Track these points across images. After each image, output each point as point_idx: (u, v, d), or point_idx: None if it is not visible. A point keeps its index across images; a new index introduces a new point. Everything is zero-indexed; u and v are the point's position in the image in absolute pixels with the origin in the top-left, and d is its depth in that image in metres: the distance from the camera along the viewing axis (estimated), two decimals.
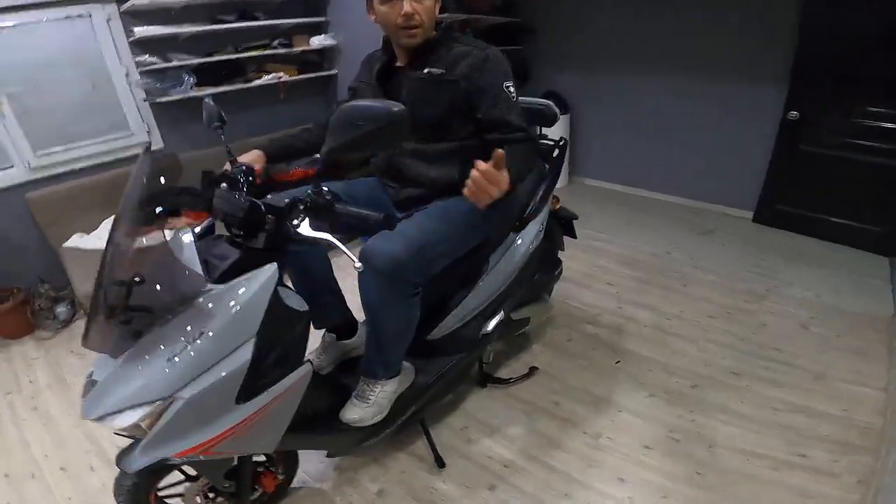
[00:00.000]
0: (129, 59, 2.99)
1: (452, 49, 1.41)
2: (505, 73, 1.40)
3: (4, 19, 2.63)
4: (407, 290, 1.32)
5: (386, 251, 1.26)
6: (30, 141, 2.84)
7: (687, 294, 2.56)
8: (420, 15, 1.32)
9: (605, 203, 3.81)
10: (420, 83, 1.42)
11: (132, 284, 0.99)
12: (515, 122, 1.38)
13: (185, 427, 1.06)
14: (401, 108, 1.00)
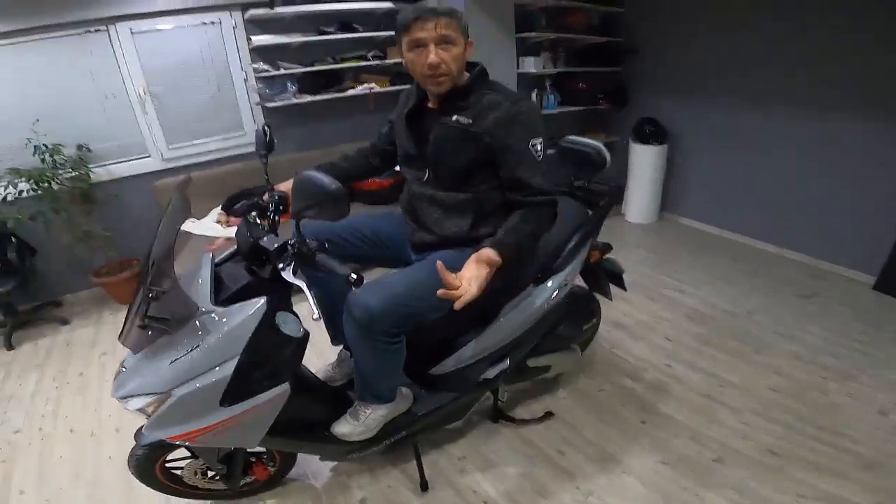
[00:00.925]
0: (248, 65, 3.40)
1: (484, 97, 1.38)
2: (534, 130, 1.35)
3: (162, 23, 3.16)
4: (383, 338, 1.35)
5: (362, 303, 1.31)
6: (165, 135, 3.39)
7: (755, 362, 2.28)
8: (447, 63, 1.30)
9: (694, 247, 3.47)
10: (446, 130, 1.40)
11: (151, 300, 1.19)
12: (536, 184, 1.34)
13: (178, 417, 1.25)
14: (337, 187, 1.08)
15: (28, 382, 2.56)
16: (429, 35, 1.28)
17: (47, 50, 2.98)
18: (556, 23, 3.65)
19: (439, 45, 1.29)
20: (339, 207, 1.10)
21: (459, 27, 1.31)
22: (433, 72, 1.31)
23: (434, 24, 1.27)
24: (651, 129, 3.81)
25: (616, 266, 2.06)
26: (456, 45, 1.31)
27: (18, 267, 2.95)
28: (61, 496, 1.82)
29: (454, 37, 1.29)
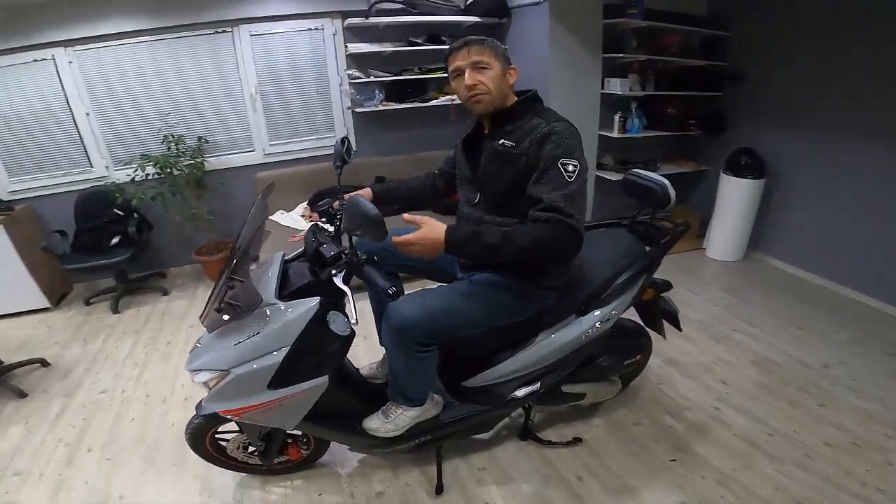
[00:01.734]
0: (343, 70, 3.69)
1: (528, 122, 1.43)
2: (566, 149, 1.34)
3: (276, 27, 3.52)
4: (414, 347, 1.46)
5: (399, 313, 1.43)
6: (268, 132, 3.77)
7: (816, 415, 2.12)
8: (483, 84, 1.40)
9: (780, 291, 3.21)
10: (493, 154, 1.48)
11: (228, 288, 1.40)
12: (550, 200, 1.30)
13: (232, 393, 1.45)
14: (376, 214, 1.20)
15: (124, 346, 2.98)
16: (464, 62, 1.42)
17: (182, 47, 3.46)
18: (649, 44, 3.55)
19: (474, 69, 1.41)
20: (378, 231, 1.23)
21: (494, 53, 1.42)
22: (471, 93, 1.43)
23: (466, 51, 1.41)
24: (747, 160, 3.56)
25: (671, 305, 2.00)
26: (491, 69, 1.41)
27: (136, 240, 3.44)
28: (121, 456, 2.10)
29: (487, 61, 1.40)
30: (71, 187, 3.60)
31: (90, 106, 3.47)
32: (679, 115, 3.84)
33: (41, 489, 1.93)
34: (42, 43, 3.25)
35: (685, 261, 3.67)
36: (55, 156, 3.55)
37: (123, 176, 3.49)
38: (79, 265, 3.36)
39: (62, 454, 2.12)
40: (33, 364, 2.77)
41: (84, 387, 2.59)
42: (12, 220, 3.30)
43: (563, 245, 1.32)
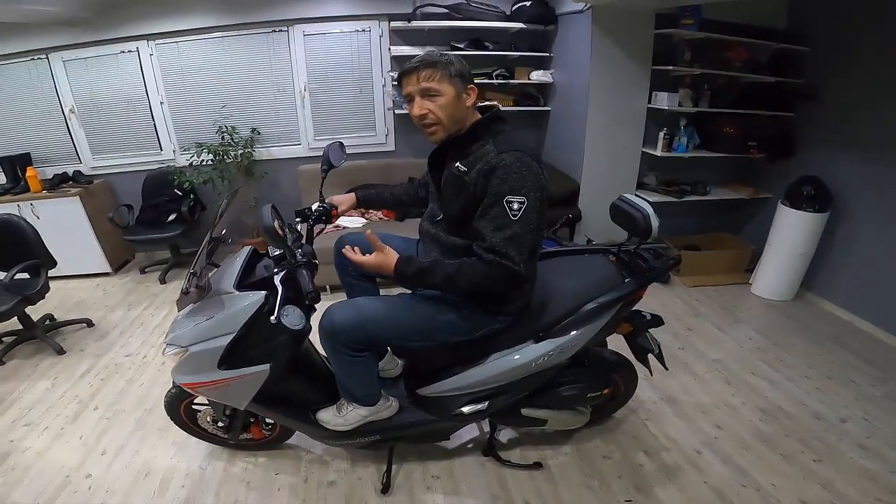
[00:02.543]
0: (387, 72, 3.80)
1: (483, 147, 1.38)
2: (511, 186, 1.27)
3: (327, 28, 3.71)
4: (343, 350, 1.48)
5: (329, 316, 1.47)
6: (314, 127, 3.98)
7: (807, 471, 1.90)
8: (433, 112, 1.35)
9: (824, 337, 2.85)
10: (450, 175, 1.45)
11: (192, 274, 1.53)
12: (492, 242, 1.28)
13: (190, 368, 1.57)
14: (268, 226, 1.32)
15: (159, 315, 3.29)
16: (413, 88, 1.36)
17: (243, 45, 3.76)
18: (705, 57, 3.29)
19: (424, 97, 1.35)
20: (272, 239, 1.38)
21: (447, 76, 1.33)
22: (422, 122, 1.39)
23: (416, 77, 1.34)
24: (811, 191, 3.19)
25: (649, 343, 1.86)
26: (442, 95, 1.34)
27: (188, 219, 3.79)
28: (119, 416, 2.31)
29: (437, 88, 1.33)
30: (142, 167, 4.04)
31: (164, 95, 3.87)
32: (738, 136, 3.52)
33: (41, 440, 2.17)
34: (129, 36, 3.67)
35: (724, 295, 3.39)
36: (132, 138, 4.00)
37: (185, 160, 3.85)
38: (137, 237, 3.77)
39: (72, 410, 2.37)
40: (80, 324, 3.14)
41: (114, 349, 2.90)
42: (88, 193, 3.77)
43: (502, 286, 1.37)
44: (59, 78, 3.75)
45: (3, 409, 2.40)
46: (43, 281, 2.78)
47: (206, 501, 1.84)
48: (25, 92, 3.79)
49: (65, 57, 3.69)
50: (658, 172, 3.72)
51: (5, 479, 1.95)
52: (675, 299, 3.35)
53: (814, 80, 3.31)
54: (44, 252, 2.79)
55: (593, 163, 3.52)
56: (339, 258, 1.85)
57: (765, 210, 3.68)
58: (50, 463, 2.04)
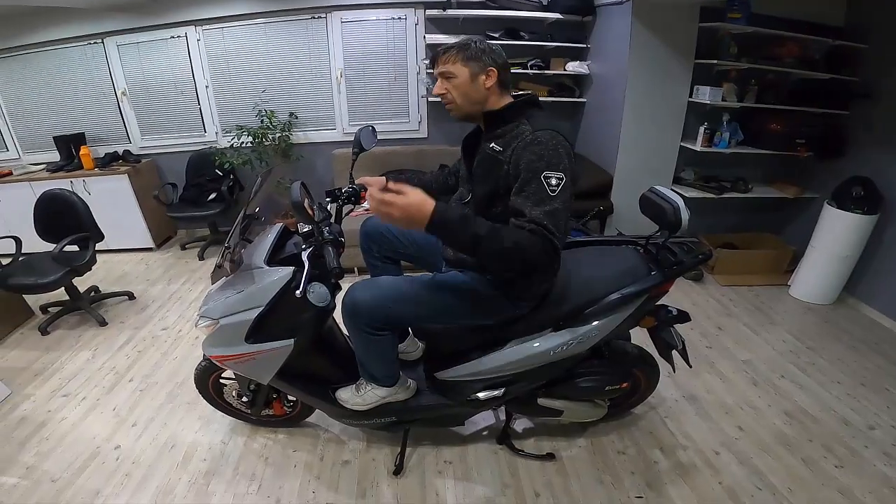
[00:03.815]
0: (421, 60, 3.82)
1: (518, 127, 1.42)
2: (549, 161, 1.28)
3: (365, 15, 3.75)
4: (364, 329, 1.52)
5: (351, 294, 1.51)
6: (349, 113, 4.05)
7: (827, 477, 1.84)
8: (449, 92, 1.43)
9: (863, 344, 2.71)
10: (483, 156, 1.48)
11: (226, 249, 1.61)
12: (530, 213, 1.25)
13: (219, 341, 1.66)
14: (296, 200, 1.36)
15: (196, 290, 3.43)
16: (436, 71, 1.46)
17: (283, 31, 3.84)
18: (754, 52, 3.16)
19: (443, 78, 1.44)
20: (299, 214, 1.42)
21: (462, 58, 1.40)
22: (442, 101, 1.47)
23: (440, 60, 1.44)
24: (860, 192, 3.04)
25: (672, 338, 1.83)
26: (456, 77, 1.41)
27: (227, 198, 3.93)
28: (152, 388, 2.42)
29: (452, 70, 1.41)
30: (186, 147, 4.22)
31: (209, 79, 4.01)
32: (785, 133, 3.37)
33: (77, 410, 2.30)
34: (179, 21, 3.80)
35: (760, 296, 3.27)
36: (178, 120, 4.17)
37: (226, 142, 4.00)
38: (180, 214, 3.95)
39: (108, 381, 2.51)
40: (122, 296, 3.33)
41: (152, 322, 3.05)
42: (136, 171, 3.96)
43: (542, 257, 1.26)
44: (113, 61, 3.94)
45: (45, 378, 2.55)
46: (90, 253, 2.96)
47: (225, 474, 1.92)
48: (82, 75, 4.00)
49: (119, 41, 3.87)
50: (697, 167, 3.61)
51: (39, 448, 2.07)
52: (706, 297, 3.26)
53: (870, 78, 3.14)
54: (92, 226, 2.96)
55: (628, 156, 3.44)
56: (363, 240, 1.91)
57: (809, 210, 3.52)
58: (83, 433, 2.15)
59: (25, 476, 1.92)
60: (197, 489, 1.86)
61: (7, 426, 2.20)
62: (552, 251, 1.26)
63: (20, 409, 2.32)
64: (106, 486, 1.87)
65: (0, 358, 2.74)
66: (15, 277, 2.79)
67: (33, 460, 2.00)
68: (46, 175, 3.90)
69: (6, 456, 2.03)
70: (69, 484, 1.88)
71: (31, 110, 4.15)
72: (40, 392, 2.44)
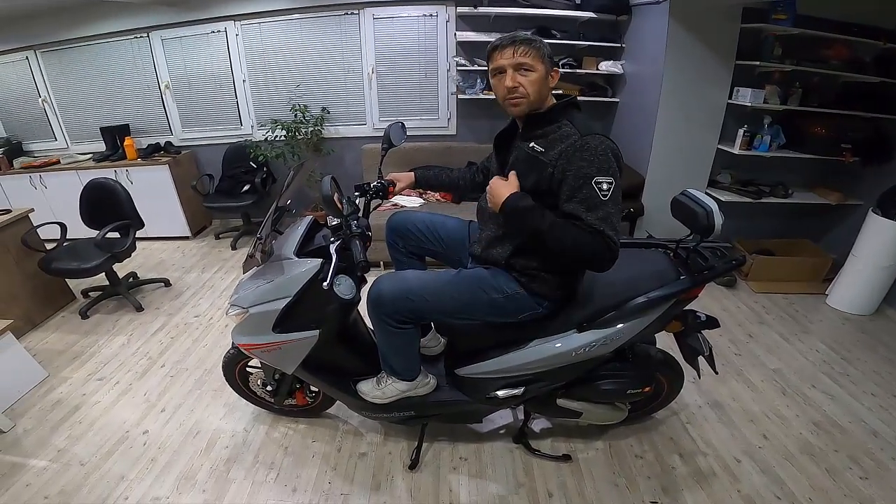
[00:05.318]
0: (452, 57, 3.83)
1: (561, 129, 1.41)
2: (600, 166, 1.30)
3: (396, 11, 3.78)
4: (388, 321, 1.55)
5: (377, 287, 1.53)
6: (379, 109, 4.09)
7: (851, 488, 1.78)
8: (524, 87, 1.39)
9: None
10: (522, 154, 1.47)
11: (258, 240, 1.66)
12: (586, 219, 1.28)
13: (248, 330, 1.71)
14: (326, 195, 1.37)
15: (227, 279, 3.54)
16: (507, 62, 1.39)
17: (317, 26, 3.91)
18: (800, 53, 3.04)
19: (517, 70, 1.39)
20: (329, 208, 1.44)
21: (539, 55, 1.39)
22: (510, 95, 1.42)
23: (512, 51, 1.38)
24: None
25: (699, 344, 1.79)
26: (534, 72, 1.38)
27: (260, 190, 4.04)
28: (181, 375, 2.50)
29: (531, 63, 1.38)
30: (223, 140, 4.34)
31: (246, 73, 4.11)
32: (829, 137, 3.24)
33: (109, 394, 2.39)
34: (218, 17, 3.92)
35: (795, 304, 3.16)
36: (216, 113, 4.30)
37: (261, 135, 4.10)
38: (216, 204, 4.07)
39: (141, 367, 2.60)
40: (158, 283, 3.46)
41: (185, 309, 3.16)
42: (176, 162, 4.11)
43: (599, 261, 1.31)
44: (158, 55, 4.10)
45: (81, 361, 2.66)
46: (131, 240, 3.09)
47: (245, 462, 1.97)
48: (128, 68, 4.17)
49: (163, 36, 4.02)
50: (734, 171, 3.50)
51: (71, 431, 2.15)
52: (738, 304, 3.17)
53: None
54: (134, 214, 3.09)
55: (661, 157, 3.37)
56: (389, 235, 1.93)
57: (852, 218, 3.38)
58: (113, 418, 2.23)
59: (56, 459, 2.01)
60: (217, 475, 1.92)
61: (42, 409, 2.31)
62: (610, 253, 1.29)
63: (56, 391, 2.43)
64: (131, 471, 1.94)
65: (40, 340, 2.89)
66: (59, 262, 2.94)
67: (65, 443, 2.09)
68: (92, 164, 4.09)
69: (39, 438, 2.12)
70: (96, 468, 1.96)
71: (80, 102, 4.35)
72: (76, 375, 2.55)
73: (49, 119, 4.43)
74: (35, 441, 2.11)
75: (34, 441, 2.11)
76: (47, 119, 4.43)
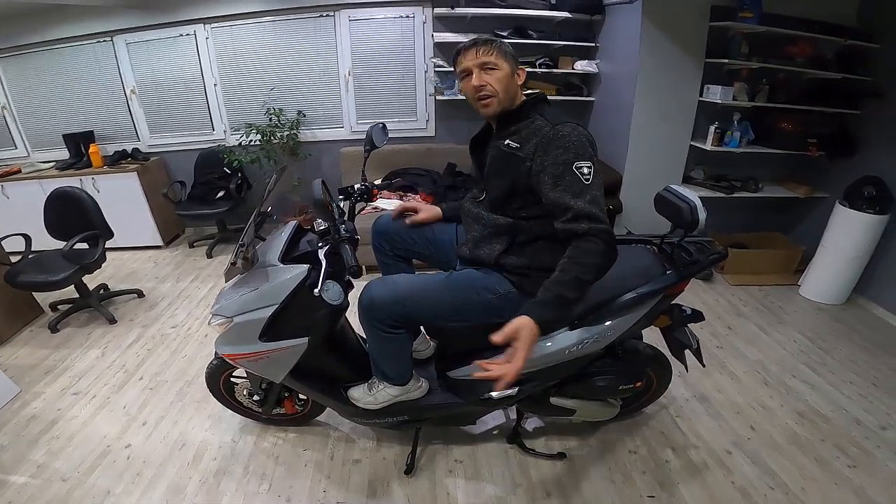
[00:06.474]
0: (429, 59, 3.82)
1: (533, 123, 1.42)
2: (577, 152, 1.30)
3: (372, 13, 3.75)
4: (380, 326, 1.52)
5: (368, 292, 1.50)
6: (357, 111, 4.05)
7: (840, 477, 1.84)
8: (491, 85, 1.41)
9: (872, 344, 2.69)
10: (497, 153, 1.48)
11: (240, 246, 1.61)
12: (578, 207, 1.26)
13: (233, 339, 1.65)
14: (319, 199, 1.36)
15: (204, 288, 3.44)
16: (472, 63, 1.42)
17: (291, 29, 3.84)
18: (766, 51, 3.14)
19: (482, 70, 1.41)
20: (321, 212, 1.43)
21: (501, 53, 1.42)
22: (479, 94, 1.44)
23: (475, 52, 1.42)
24: (872, 192, 3.03)
25: (686, 338, 1.82)
26: (498, 69, 1.41)
27: (235, 196, 3.94)
28: (161, 387, 2.42)
29: (494, 62, 1.41)
30: (194, 146, 4.23)
31: (218, 77, 4.01)
32: (796, 132, 3.35)
33: (87, 408, 2.30)
34: (188, 19, 3.80)
35: (770, 296, 3.26)
36: (186, 118, 4.18)
37: (234, 140, 4.00)
38: (188, 212, 3.95)
39: (118, 380, 2.51)
40: (131, 294, 3.33)
41: (161, 320, 3.06)
42: (145, 169, 3.97)
43: (611, 255, 1.28)
44: (122, 60, 3.95)
45: (55, 376, 2.55)
46: (100, 251, 2.96)
47: (235, 473, 1.92)
48: (91, 73, 4.01)
49: (128, 39, 3.88)
50: (706, 167, 3.59)
51: (49, 447, 2.07)
52: (716, 297, 3.25)
53: (883, 77, 3.12)
54: (102, 223, 2.97)
55: (637, 155, 3.43)
56: (375, 238, 1.90)
57: (819, 210, 3.51)
58: (93, 432, 2.15)
59: (36, 475, 1.92)
60: (208, 488, 1.86)
61: (17, 424, 2.21)
62: (611, 240, 1.27)
63: (30, 407, 2.32)
64: (117, 486, 1.87)
65: (10, 356, 2.75)
66: (25, 275, 2.80)
67: (44, 459, 2.01)
68: (55, 173, 3.91)
69: (17, 454, 2.03)
70: (80, 483, 1.88)
71: (40, 108, 4.16)
72: (50, 390, 2.44)
73: (8, 126, 4.22)
74: (12, 457, 2.02)
75: (11, 457, 2.02)
76: (6, 126, 4.22)
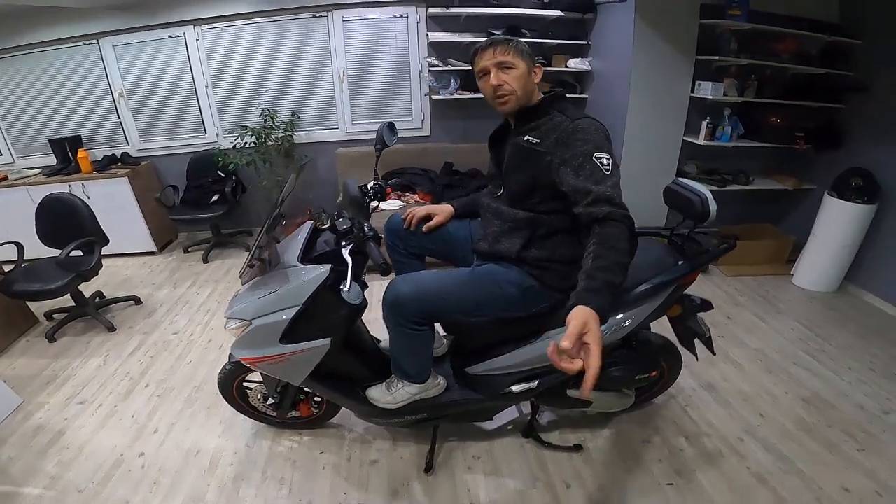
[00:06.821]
0: (424, 58, 3.83)
1: (552, 119, 1.46)
2: (596, 144, 1.34)
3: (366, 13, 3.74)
4: (406, 324, 1.53)
5: (394, 289, 1.51)
6: (351, 112, 4.03)
7: (849, 460, 1.90)
8: (508, 83, 1.44)
9: (866, 330, 2.79)
10: (517, 149, 1.50)
11: (260, 247, 1.60)
12: (600, 192, 1.26)
13: (252, 343, 1.64)
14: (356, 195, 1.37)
15: (203, 293, 3.39)
16: (489, 62, 1.46)
17: (284, 30, 3.81)
18: (753, 48, 3.23)
19: (500, 69, 1.44)
20: (359, 209, 1.42)
21: (519, 53, 1.45)
22: (497, 93, 1.46)
23: (492, 52, 1.45)
24: (859, 182, 3.13)
25: (699, 327, 1.87)
26: (515, 68, 1.44)
27: (230, 200, 3.89)
28: (169, 394, 2.39)
29: (512, 61, 1.44)
30: (187, 149, 4.16)
31: (209, 79, 3.96)
32: (784, 126, 3.45)
33: (94, 417, 2.26)
34: (177, 21, 3.74)
35: (765, 286, 3.34)
36: (177, 121, 4.11)
37: (228, 143, 3.95)
38: (182, 216, 3.89)
39: (124, 387, 2.47)
40: (128, 301, 3.27)
41: (161, 327, 3.01)
42: (135, 174, 3.90)
43: (634, 241, 1.29)
44: (110, 63, 3.88)
45: (57, 385, 2.50)
46: (97, 258, 2.90)
47: (254, 479, 1.90)
48: (77, 76, 3.93)
49: (115, 42, 3.80)
50: (699, 161, 3.67)
51: (60, 457, 2.03)
52: (713, 288, 3.32)
53: (865, 72, 3.22)
54: (97, 230, 2.91)
55: (632, 150, 3.48)
56: (388, 236, 1.91)
57: (808, 201, 3.62)
58: (103, 441, 2.12)
59: (50, 486, 1.88)
60: (227, 495, 1.84)
61: (23, 435, 2.16)
62: (632, 226, 1.28)
63: (35, 417, 2.27)
64: (134, 496, 1.84)
65: (7, 366, 2.69)
66: (20, 284, 2.73)
67: (55, 470, 1.96)
68: (43, 179, 3.82)
69: (27, 465, 1.99)
70: (96, 494, 1.85)
71: (25, 113, 4.06)
72: (54, 400, 2.39)
73: None
74: (23, 469, 1.98)
75: (22, 469, 1.98)
76: None
